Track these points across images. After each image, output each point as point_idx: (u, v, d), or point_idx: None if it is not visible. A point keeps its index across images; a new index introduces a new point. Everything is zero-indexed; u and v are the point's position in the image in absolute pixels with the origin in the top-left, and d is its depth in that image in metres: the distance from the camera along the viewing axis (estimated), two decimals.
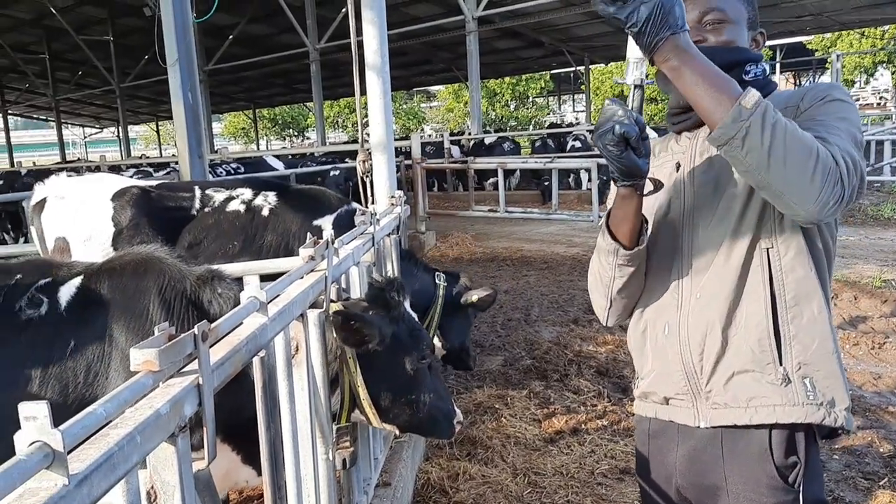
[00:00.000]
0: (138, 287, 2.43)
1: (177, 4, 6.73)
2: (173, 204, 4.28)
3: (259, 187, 4.41)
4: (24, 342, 2.39)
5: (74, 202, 4.23)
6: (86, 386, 2.32)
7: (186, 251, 4.07)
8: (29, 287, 2.48)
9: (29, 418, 0.89)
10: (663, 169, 1.78)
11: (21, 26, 27.43)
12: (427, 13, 23.33)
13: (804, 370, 1.56)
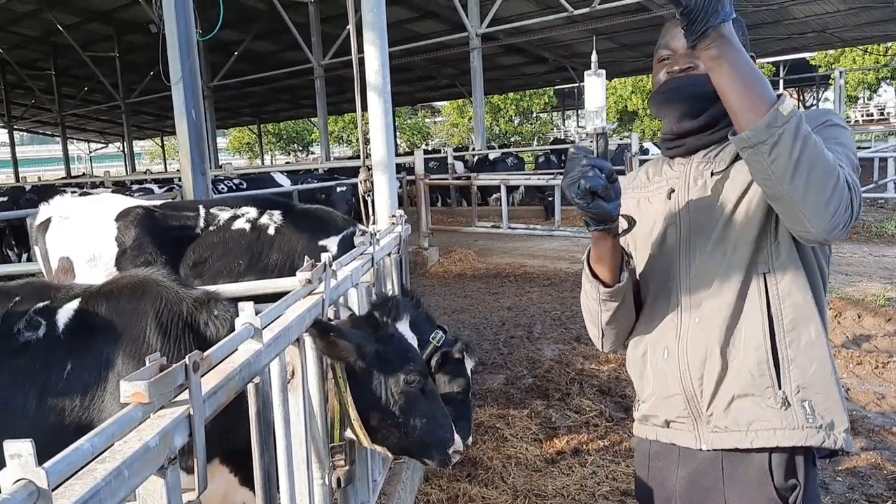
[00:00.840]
0: (135, 310, 2.42)
1: (181, 23, 6.77)
2: (177, 223, 4.28)
3: (264, 206, 4.40)
4: (22, 365, 2.38)
5: (79, 222, 4.24)
6: (83, 409, 2.31)
7: (191, 270, 4.06)
8: (27, 310, 2.48)
9: (14, 456, 0.89)
10: (657, 195, 1.78)
11: (28, 43, 27.67)
12: (431, 30, 23.47)
13: (803, 393, 1.57)
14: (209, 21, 7.97)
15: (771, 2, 21.73)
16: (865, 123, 41.76)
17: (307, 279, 2.23)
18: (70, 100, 33.77)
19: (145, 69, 25.83)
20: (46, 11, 23.09)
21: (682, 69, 1.68)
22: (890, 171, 13.93)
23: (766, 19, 24.04)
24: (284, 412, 1.92)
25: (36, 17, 24.09)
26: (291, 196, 10.11)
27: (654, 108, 1.72)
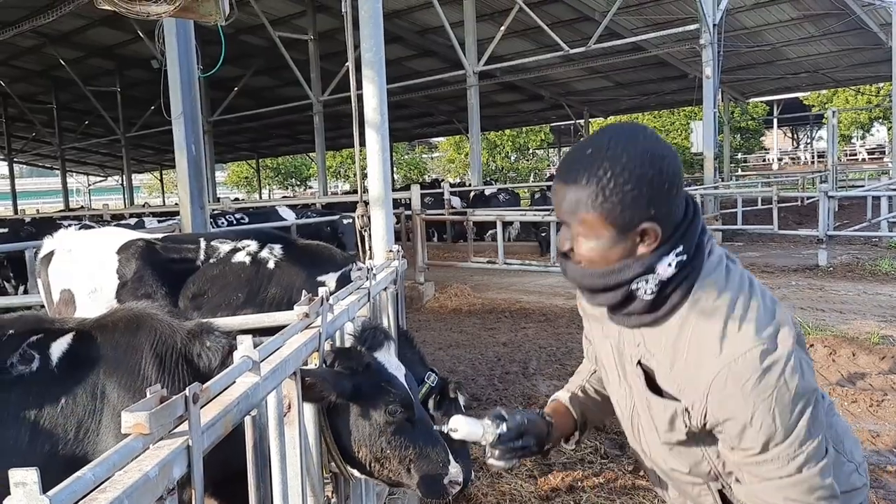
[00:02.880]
0: (130, 343, 2.44)
1: (183, 59, 6.89)
2: (178, 256, 4.31)
3: (265, 240, 4.44)
4: (15, 399, 2.38)
5: (81, 255, 4.28)
6: (76, 442, 2.31)
7: (191, 302, 4.08)
8: (21, 343, 2.49)
9: (18, 484, 0.91)
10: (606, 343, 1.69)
11: (30, 77, 28.01)
12: (428, 67, 23.81)
13: None
14: (210, 57, 8.10)
15: (764, 43, 22.15)
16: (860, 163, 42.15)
17: (305, 313, 2.26)
18: (70, 133, 34.04)
19: (145, 104, 26.10)
20: (49, 46, 23.40)
21: (564, 251, 1.55)
22: (883, 210, 14.06)
23: (759, 59, 24.46)
24: (280, 445, 1.93)
25: (38, 52, 24.42)
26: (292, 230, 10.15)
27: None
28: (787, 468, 1.41)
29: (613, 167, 1.39)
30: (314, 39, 21.31)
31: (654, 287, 1.46)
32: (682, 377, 1.47)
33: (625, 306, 1.51)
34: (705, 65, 16.03)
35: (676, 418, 1.50)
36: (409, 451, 2.33)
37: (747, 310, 1.44)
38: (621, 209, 1.39)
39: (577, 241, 1.48)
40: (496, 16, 19.74)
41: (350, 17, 4.70)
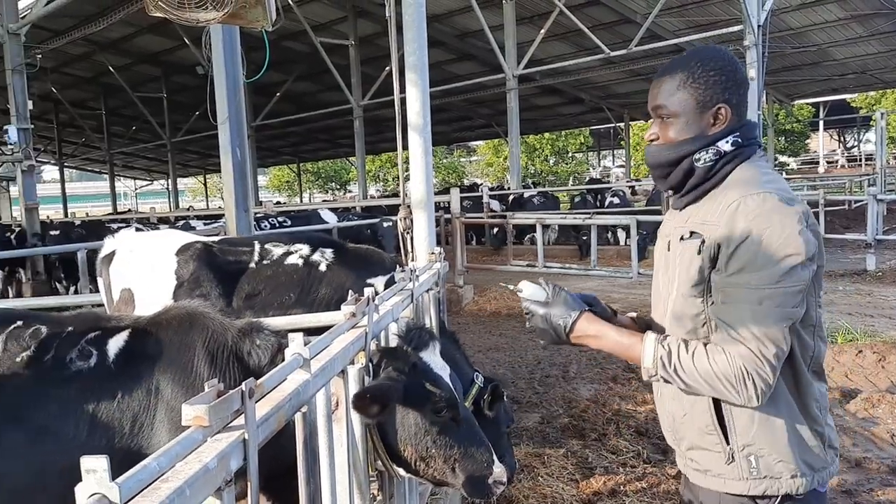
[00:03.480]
0: (183, 341, 2.51)
1: (229, 65, 7.01)
2: (233, 258, 4.42)
3: (317, 244, 4.52)
4: (74, 393, 2.47)
5: (141, 255, 4.41)
6: (131, 437, 2.37)
7: (244, 301, 4.17)
8: (79, 340, 2.58)
9: (90, 471, 0.95)
10: (661, 244, 2.00)
11: (80, 84, 28.76)
12: (468, 71, 23.85)
13: (748, 450, 1.76)
14: (254, 63, 8.24)
15: (810, 44, 21.71)
16: None
17: (351, 313, 2.30)
18: (118, 138, 34.87)
19: (191, 109, 26.62)
20: (99, 53, 24.02)
21: (649, 139, 1.93)
22: None
23: (805, 61, 23.99)
24: (329, 442, 1.97)
25: (88, 59, 25.07)
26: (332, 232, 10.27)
27: None
28: (753, 294, 1.65)
29: (703, 62, 1.81)
30: (355, 45, 21.49)
31: (712, 157, 1.80)
32: (709, 213, 1.77)
33: (686, 181, 1.84)
34: (749, 66, 15.75)
35: (693, 256, 1.76)
36: (454, 451, 2.34)
37: (775, 181, 1.78)
38: (705, 89, 1.79)
39: (663, 126, 1.86)
40: (536, 19, 19.68)
41: (394, 22, 4.74)
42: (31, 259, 12.19)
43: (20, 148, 12.30)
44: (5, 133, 12.41)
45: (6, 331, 2.61)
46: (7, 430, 2.45)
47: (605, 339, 1.86)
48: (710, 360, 1.68)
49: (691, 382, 1.70)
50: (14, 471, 2.43)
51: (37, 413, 2.45)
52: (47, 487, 2.43)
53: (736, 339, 1.67)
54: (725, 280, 1.70)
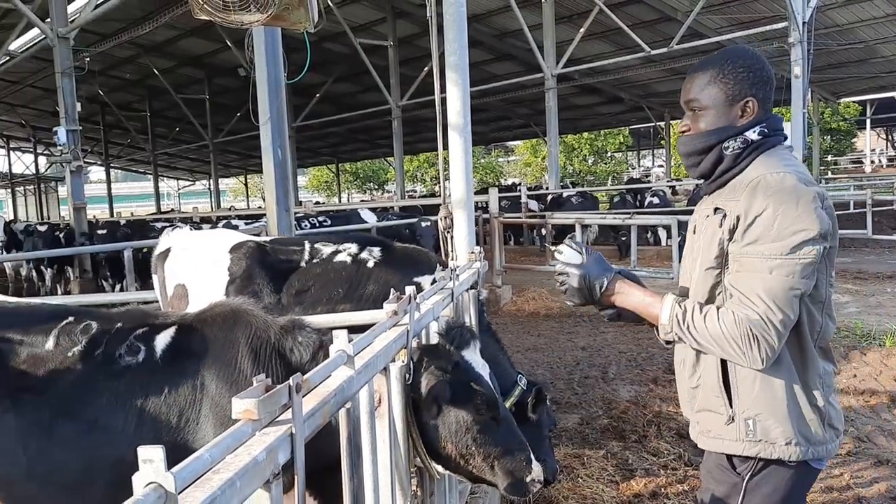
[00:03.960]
0: (228, 338, 2.55)
1: (271, 67, 7.10)
2: (285, 256, 4.50)
3: (365, 242, 4.58)
4: (123, 388, 2.53)
5: (196, 253, 4.52)
6: (177, 431, 2.42)
7: (294, 297, 4.25)
8: (128, 335, 2.64)
9: (146, 461, 0.98)
10: (690, 228, 2.17)
11: (126, 86, 29.40)
12: (506, 71, 23.81)
13: (748, 413, 1.90)
14: (294, 65, 8.33)
15: (856, 41, 21.19)
16: None
17: (393, 311, 2.31)
18: (162, 139, 35.54)
19: (232, 110, 27.02)
20: (144, 56, 24.51)
21: (682, 131, 2.09)
22: None
23: (851, 58, 23.45)
24: (372, 438, 1.99)
25: (134, 62, 25.61)
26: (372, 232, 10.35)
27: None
28: (764, 263, 1.78)
29: (732, 60, 1.97)
30: (394, 45, 21.59)
31: (740, 145, 1.95)
32: (732, 191, 1.92)
33: (715, 168, 1.99)
34: (794, 64, 15.46)
35: (715, 231, 1.91)
36: (494, 449, 2.36)
37: (795, 165, 1.93)
38: (734, 84, 1.95)
39: (695, 118, 2.01)
40: (575, 18, 19.55)
41: (434, 22, 4.76)
42: (79, 257, 12.51)
43: (69, 149, 12.60)
44: (55, 134, 12.74)
45: (58, 326, 2.69)
46: (60, 423, 2.52)
47: (630, 297, 2.02)
48: (720, 322, 1.82)
49: (702, 341, 1.86)
50: (67, 462, 2.50)
51: (88, 407, 2.51)
52: (97, 480, 2.50)
53: (745, 304, 1.80)
54: (741, 250, 1.84)
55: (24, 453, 2.51)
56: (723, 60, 1.99)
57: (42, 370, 2.59)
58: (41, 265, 14.12)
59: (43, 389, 2.56)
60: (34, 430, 2.52)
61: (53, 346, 2.64)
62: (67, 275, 13.57)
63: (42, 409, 2.54)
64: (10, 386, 2.57)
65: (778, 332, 1.79)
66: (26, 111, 32.84)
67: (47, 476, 2.51)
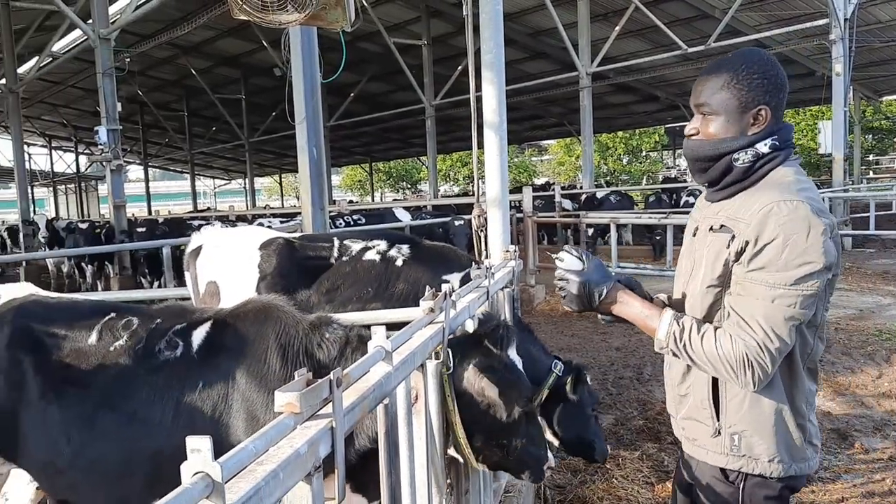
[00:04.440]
0: (258, 333, 2.59)
1: (307, 66, 7.16)
2: (314, 253, 4.52)
3: (394, 240, 4.59)
4: (161, 381, 2.59)
5: (227, 250, 4.57)
6: (211, 423, 2.46)
7: (324, 296, 4.27)
8: (167, 331, 2.70)
9: (195, 450, 1.00)
10: (689, 230, 2.17)
11: (164, 86, 29.90)
12: (540, 69, 23.71)
13: (734, 428, 1.94)
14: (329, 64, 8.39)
15: None
16: None
17: (430, 308, 2.32)
18: (199, 139, 36.07)
19: (268, 110, 27.31)
20: (182, 57, 24.90)
21: (688, 134, 2.05)
22: None
23: (894, 56, 22.90)
24: (409, 434, 2.00)
25: (172, 63, 26.02)
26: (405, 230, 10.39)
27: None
28: (768, 292, 1.79)
29: (747, 64, 1.91)
30: (428, 45, 21.63)
31: (750, 158, 1.92)
32: (740, 211, 1.88)
33: (723, 178, 1.97)
34: (835, 62, 15.19)
35: (721, 250, 1.90)
36: (522, 440, 2.47)
37: (809, 190, 1.88)
38: (748, 90, 1.90)
39: (704, 122, 1.97)
40: (610, 16, 19.40)
41: (470, 20, 4.76)
42: (119, 254, 12.75)
43: (109, 148, 12.84)
44: (96, 134, 13.00)
45: (101, 322, 2.76)
46: (101, 415, 2.58)
47: (629, 308, 2.01)
48: (716, 344, 1.84)
49: (696, 360, 1.88)
50: (107, 453, 2.56)
51: (128, 399, 2.57)
52: (137, 471, 2.55)
53: (744, 329, 1.82)
54: (745, 274, 1.83)
55: (68, 444, 2.58)
56: (738, 64, 1.93)
57: (85, 364, 2.66)
58: (82, 262, 14.42)
59: (86, 382, 2.63)
60: (77, 421, 2.59)
61: (96, 340, 2.71)
62: (107, 271, 13.84)
63: (85, 402, 2.60)
64: (54, 378, 2.64)
65: (773, 359, 1.81)
66: (68, 111, 33.58)
67: (89, 466, 2.57)
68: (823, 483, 4.23)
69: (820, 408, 5.48)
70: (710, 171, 1.98)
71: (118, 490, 2.59)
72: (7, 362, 2.66)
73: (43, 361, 2.66)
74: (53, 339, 2.72)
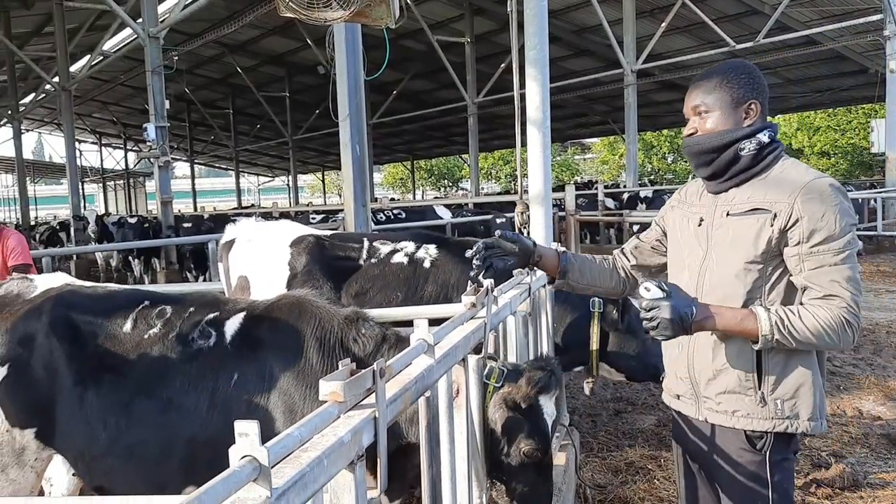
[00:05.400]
0: (294, 328, 2.60)
1: (351, 64, 7.22)
2: (343, 253, 4.53)
3: (421, 240, 4.58)
4: (195, 370, 2.62)
5: (258, 245, 4.61)
6: (248, 415, 2.46)
7: (354, 299, 4.27)
8: (200, 320, 2.73)
9: (242, 434, 1.01)
10: (693, 219, 2.27)
11: (211, 84, 30.41)
12: (584, 67, 23.52)
13: (776, 394, 2.08)
14: (372, 62, 8.45)
15: None
16: None
17: (472, 303, 2.32)
18: (244, 136, 36.60)
19: (311, 108, 27.58)
20: (228, 55, 25.29)
21: (688, 134, 2.20)
22: None
23: None
24: (450, 428, 2.00)
25: (219, 61, 26.46)
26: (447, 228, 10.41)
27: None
28: (836, 258, 1.98)
29: (734, 68, 2.16)
30: (471, 42, 21.62)
31: (755, 147, 2.10)
32: (775, 194, 2.05)
33: (728, 169, 2.13)
34: (889, 58, 14.76)
35: (763, 228, 2.04)
36: (522, 486, 2.39)
37: (823, 174, 2.10)
38: (737, 87, 2.11)
39: (702, 120, 2.14)
40: (656, 12, 19.15)
41: (515, 17, 4.74)
42: (166, 249, 13.01)
43: (157, 145, 13.11)
44: (144, 131, 13.27)
45: (135, 310, 2.81)
46: (136, 402, 2.63)
47: (722, 318, 2.03)
48: (815, 318, 1.96)
49: (802, 340, 1.97)
50: (142, 439, 2.61)
51: (162, 387, 2.61)
52: (172, 457, 2.60)
53: (833, 295, 1.97)
54: (810, 249, 1.99)
55: (104, 429, 2.63)
56: (725, 69, 2.16)
57: (120, 351, 2.71)
58: (130, 256, 14.75)
59: (121, 369, 2.68)
60: (113, 407, 2.63)
61: (131, 328, 2.76)
62: (154, 265, 14.14)
63: (120, 389, 2.65)
64: (90, 365, 2.69)
65: (860, 311, 2.00)
66: (117, 109, 34.39)
67: (124, 452, 2.62)
68: (872, 489, 4.12)
69: (869, 412, 5.35)
70: (716, 163, 2.14)
71: (153, 476, 2.64)
72: (45, 350, 2.72)
73: (79, 349, 2.71)
74: (89, 328, 2.77)
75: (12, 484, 2.81)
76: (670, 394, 2.37)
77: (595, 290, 2.65)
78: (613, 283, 2.60)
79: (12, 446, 2.79)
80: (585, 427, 5.32)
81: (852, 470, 4.28)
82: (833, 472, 4.27)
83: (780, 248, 2.04)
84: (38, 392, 2.72)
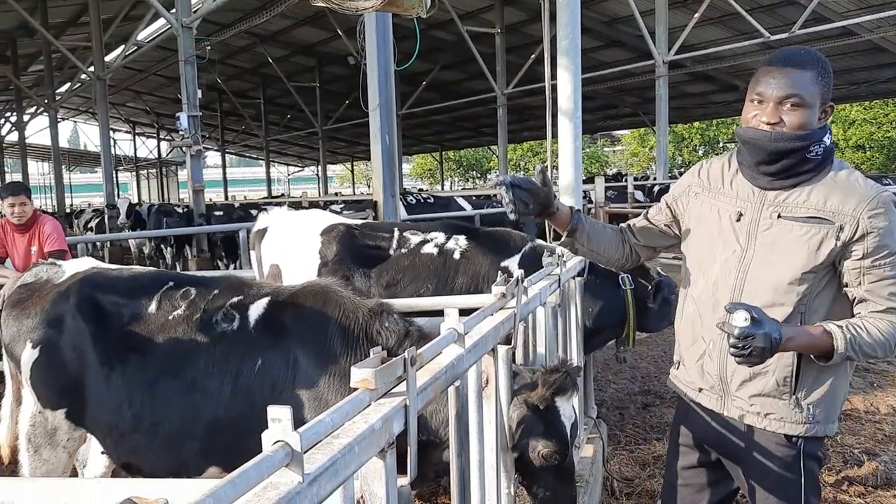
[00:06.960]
0: (320, 316, 2.61)
1: (381, 54, 7.22)
2: (373, 243, 4.54)
3: (450, 231, 4.58)
4: (219, 353, 2.65)
5: (290, 234, 4.65)
6: (272, 401, 2.47)
7: (385, 290, 4.29)
8: (224, 303, 2.76)
9: (275, 420, 1.02)
10: (728, 211, 2.18)
11: (242, 74, 30.64)
12: (615, 58, 23.27)
13: (809, 399, 2.11)
14: (402, 53, 8.43)
15: None
16: None
17: (502, 293, 2.32)
18: (274, 126, 36.84)
19: (341, 98, 27.66)
20: (259, 45, 25.43)
21: (770, 123, 2.01)
22: None
23: None
24: (479, 418, 2.00)
25: (250, 51, 26.63)
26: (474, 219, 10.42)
27: (740, 140, 2.13)
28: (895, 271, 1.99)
29: (823, 63, 2.03)
30: (501, 33, 21.50)
31: (821, 151, 2.02)
32: (838, 204, 1.99)
33: (794, 169, 2.03)
34: None
35: (826, 240, 1.99)
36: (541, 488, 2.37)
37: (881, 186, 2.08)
38: (827, 87, 2.02)
39: (790, 113, 1.99)
40: (689, 3, 18.85)
41: (547, 6, 4.71)
42: (197, 237, 13.16)
43: (190, 134, 13.24)
44: (177, 120, 13.40)
45: (160, 291, 2.85)
46: (161, 381, 2.67)
47: (801, 338, 2.00)
48: (880, 332, 1.99)
49: (868, 353, 2.00)
50: (167, 418, 2.65)
51: (187, 368, 2.65)
52: (195, 436, 2.63)
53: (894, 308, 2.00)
54: (872, 263, 1.98)
55: (130, 407, 2.67)
56: (816, 61, 2.03)
57: (145, 331, 2.75)
58: (162, 244, 14.95)
59: (146, 349, 2.72)
60: (139, 386, 2.68)
61: (156, 309, 2.80)
62: (186, 253, 14.31)
63: (145, 368, 2.69)
64: (116, 345, 2.74)
65: None
66: (150, 98, 34.81)
67: (149, 429, 2.66)
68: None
69: None
70: (784, 162, 2.03)
71: (176, 454, 2.68)
72: (73, 331, 2.77)
73: (105, 329, 2.76)
74: (116, 308, 2.81)
75: (45, 464, 2.87)
76: (691, 386, 2.35)
77: (597, 257, 2.60)
78: (618, 255, 2.56)
79: (45, 427, 2.85)
80: (613, 420, 5.30)
81: (886, 468, 4.21)
82: (866, 469, 4.21)
83: (837, 260, 2.01)
84: (68, 373, 2.77)
